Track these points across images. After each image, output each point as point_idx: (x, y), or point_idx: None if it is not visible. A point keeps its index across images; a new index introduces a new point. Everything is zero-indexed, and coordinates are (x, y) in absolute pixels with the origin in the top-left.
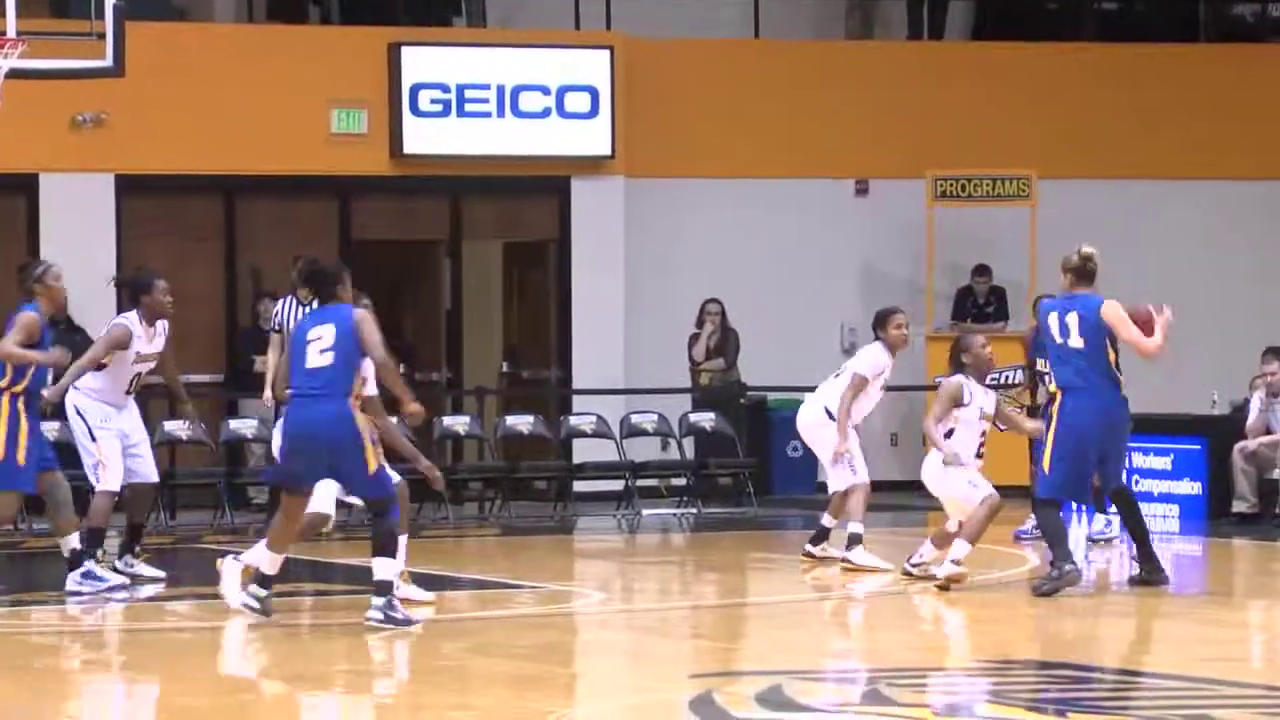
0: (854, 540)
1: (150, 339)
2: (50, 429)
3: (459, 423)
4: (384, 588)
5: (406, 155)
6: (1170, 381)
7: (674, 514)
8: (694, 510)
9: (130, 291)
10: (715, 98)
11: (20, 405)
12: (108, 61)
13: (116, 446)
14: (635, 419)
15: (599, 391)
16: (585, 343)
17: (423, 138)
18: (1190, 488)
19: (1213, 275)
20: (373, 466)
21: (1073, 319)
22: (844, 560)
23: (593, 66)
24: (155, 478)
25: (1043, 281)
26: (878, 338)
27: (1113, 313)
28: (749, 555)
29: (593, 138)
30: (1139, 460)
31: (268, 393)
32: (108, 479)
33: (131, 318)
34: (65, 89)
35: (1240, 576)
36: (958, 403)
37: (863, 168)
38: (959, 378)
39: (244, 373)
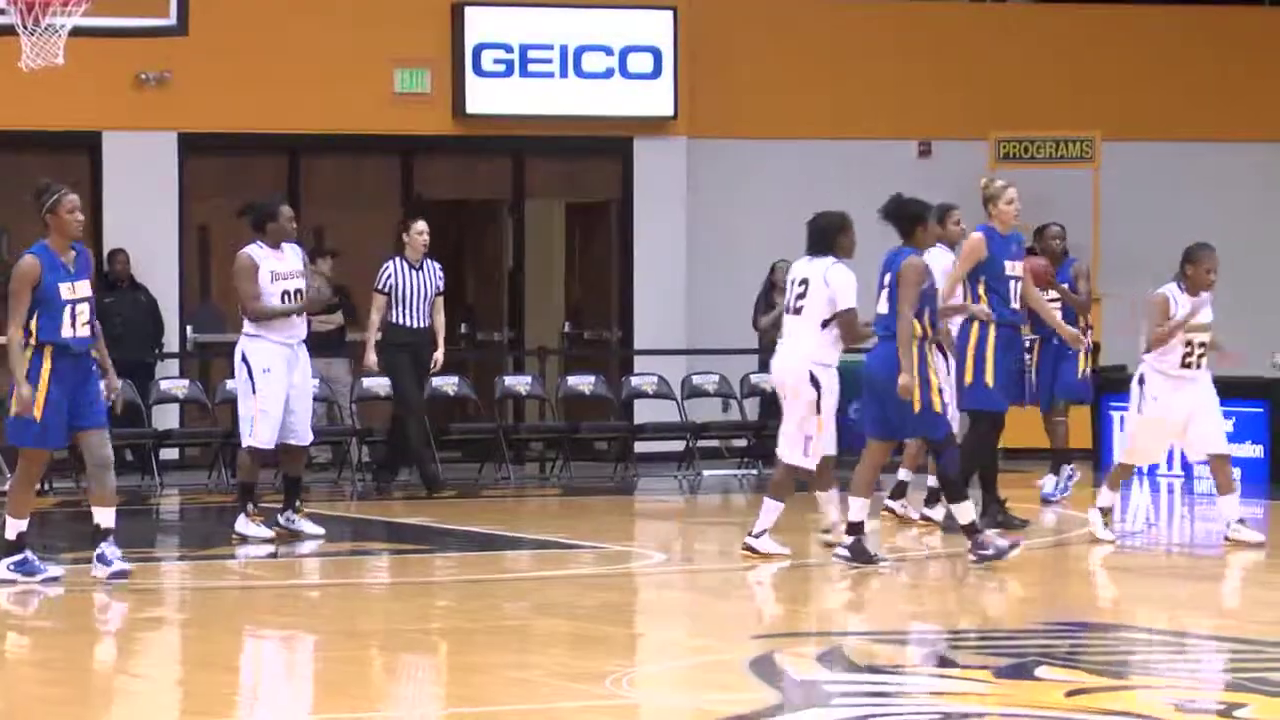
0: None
1: (281, 259)
2: None
3: (520, 383)
4: (970, 529)
5: (469, 115)
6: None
7: (735, 475)
8: (755, 471)
9: (255, 220)
10: (778, 58)
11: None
12: (171, 20)
13: (277, 397)
14: (697, 380)
15: (660, 352)
16: (647, 303)
17: (485, 98)
18: (1252, 450)
19: (1276, 237)
20: (916, 406)
21: None
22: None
23: (656, 27)
24: (308, 439)
25: (1106, 242)
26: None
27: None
28: (809, 516)
29: (655, 98)
30: None
31: (371, 356)
32: (259, 433)
33: (250, 247)
34: (129, 47)
35: None
36: (1166, 316)
37: (926, 129)
38: (1169, 287)
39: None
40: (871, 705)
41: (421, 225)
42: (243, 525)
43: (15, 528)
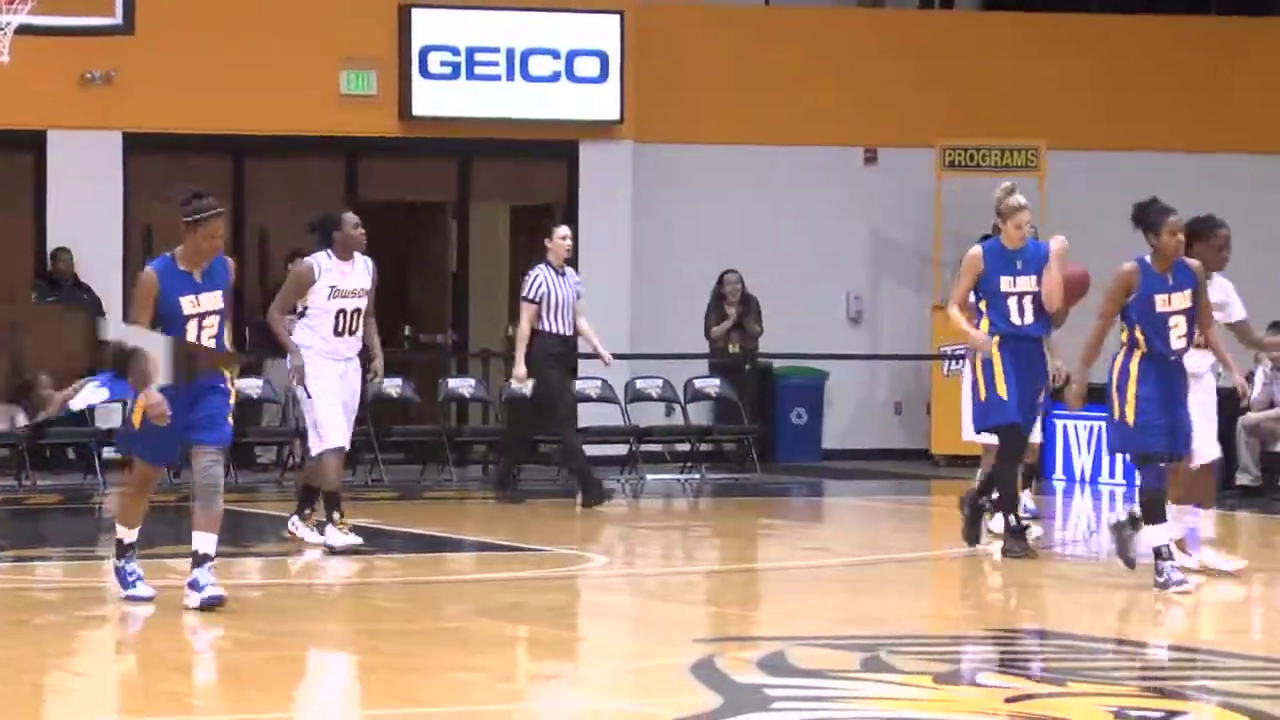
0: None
1: (346, 275)
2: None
3: (464, 385)
4: (1160, 554)
5: (415, 117)
6: None
7: (678, 479)
8: (697, 476)
9: (321, 231)
10: (725, 64)
11: None
12: (117, 19)
13: (334, 397)
14: (640, 384)
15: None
16: (591, 307)
17: (431, 100)
18: None
19: None
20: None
21: None
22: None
23: (603, 31)
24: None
25: None
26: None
27: None
28: (753, 521)
29: (602, 102)
30: None
31: (520, 367)
32: (330, 436)
33: (318, 256)
34: (74, 46)
35: (1242, 549)
36: None
37: (872, 136)
38: None
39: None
40: (812, 710)
41: (565, 230)
42: (333, 537)
43: (123, 535)
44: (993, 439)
